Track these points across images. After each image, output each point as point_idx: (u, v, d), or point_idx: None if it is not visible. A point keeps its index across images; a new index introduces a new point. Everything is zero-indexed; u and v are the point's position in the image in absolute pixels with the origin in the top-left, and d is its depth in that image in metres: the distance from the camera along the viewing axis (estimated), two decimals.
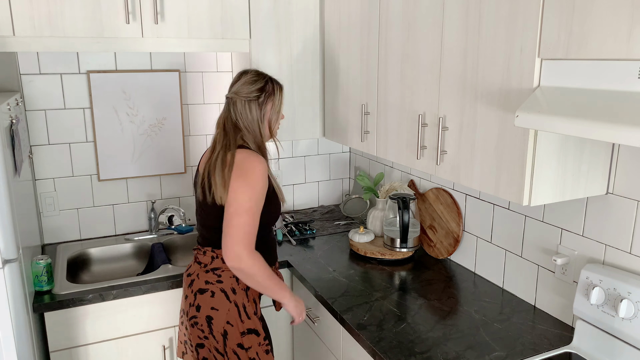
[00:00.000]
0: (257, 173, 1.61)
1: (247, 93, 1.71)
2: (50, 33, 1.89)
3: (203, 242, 1.77)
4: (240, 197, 1.58)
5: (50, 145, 2.33)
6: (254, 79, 1.74)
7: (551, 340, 1.59)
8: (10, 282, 1.58)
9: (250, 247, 1.59)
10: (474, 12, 1.45)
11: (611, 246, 1.51)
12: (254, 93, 1.71)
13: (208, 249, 1.73)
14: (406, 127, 1.81)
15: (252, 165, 1.61)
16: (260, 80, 1.74)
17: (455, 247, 2.12)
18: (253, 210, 1.59)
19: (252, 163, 1.62)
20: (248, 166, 1.61)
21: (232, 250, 1.58)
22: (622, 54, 1.05)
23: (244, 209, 1.58)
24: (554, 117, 1.12)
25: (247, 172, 1.61)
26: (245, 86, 1.72)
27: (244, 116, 1.71)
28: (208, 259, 1.72)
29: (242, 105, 1.71)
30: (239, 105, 1.71)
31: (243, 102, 1.71)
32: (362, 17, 2.02)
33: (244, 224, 1.57)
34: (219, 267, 1.70)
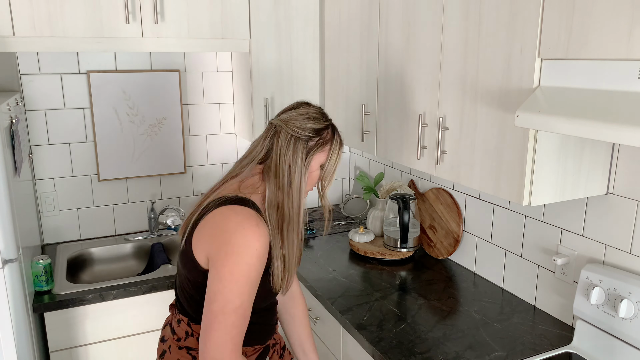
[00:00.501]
0: (252, 257, 1.20)
1: (298, 128, 1.31)
2: (50, 33, 1.89)
3: (179, 307, 1.40)
4: (229, 292, 1.19)
5: (50, 145, 2.33)
6: (314, 116, 1.35)
7: (551, 340, 1.59)
8: (10, 282, 1.58)
9: (237, 349, 1.21)
10: (474, 12, 1.45)
11: (611, 246, 1.51)
12: (307, 131, 1.31)
13: (183, 320, 1.36)
14: (406, 127, 1.81)
15: (246, 243, 1.19)
16: (322, 120, 1.35)
17: (455, 247, 2.12)
18: (244, 307, 1.21)
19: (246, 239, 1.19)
20: (240, 242, 1.19)
21: (210, 356, 1.19)
22: (622, 54, 1.05)
23: (233, 307, 1.19)
24: (554, 117, 1.12)
25: (237, 253, 1.19)
26: (300, 119, 1.33)
27: (282, 156, 1.30)
28: (182, 333, 1.37)
29: (286, 140, 1.31)
30: (282, 139, 1.31)
31: (289, 137, 1.31)
32: (362, 17, 2.02)
33: (231, 326, 1.19)
34: (194, 347, 1.35)
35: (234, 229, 1.20)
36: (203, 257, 1.25)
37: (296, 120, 1.32)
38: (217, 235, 1.21)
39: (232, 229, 1.20)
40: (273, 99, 2.33)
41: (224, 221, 1.22)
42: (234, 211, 1.23)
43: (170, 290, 2.05)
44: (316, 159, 1.33)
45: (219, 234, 1.21)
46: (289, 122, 1.32)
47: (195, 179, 2.64)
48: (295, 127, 1.31)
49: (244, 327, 1.23)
